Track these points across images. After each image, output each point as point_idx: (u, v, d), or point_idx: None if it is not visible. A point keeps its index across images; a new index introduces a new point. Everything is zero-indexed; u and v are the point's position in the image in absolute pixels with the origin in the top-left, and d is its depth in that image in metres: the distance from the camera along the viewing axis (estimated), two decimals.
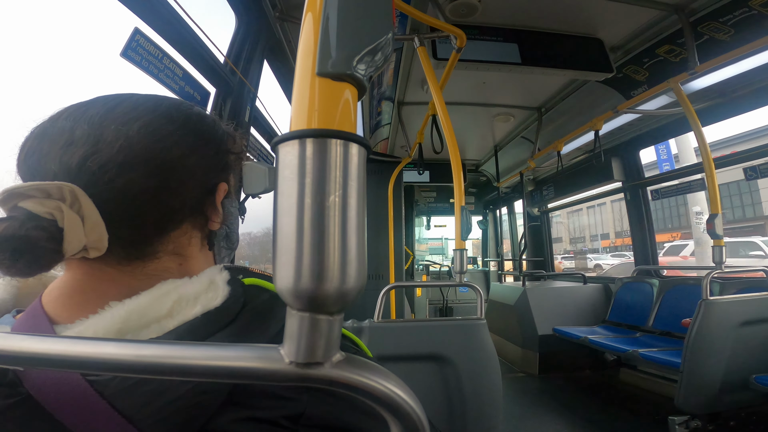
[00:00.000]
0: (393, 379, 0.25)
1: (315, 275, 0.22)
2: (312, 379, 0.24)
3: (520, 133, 3.97)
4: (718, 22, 2.04)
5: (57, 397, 0.33)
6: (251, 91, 1.75)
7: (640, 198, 3.50)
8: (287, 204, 0.23)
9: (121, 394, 0.33)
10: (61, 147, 0.38)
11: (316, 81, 0.25)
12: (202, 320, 0.37)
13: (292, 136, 0.24)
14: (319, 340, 0.23)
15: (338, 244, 0.23)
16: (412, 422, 0.25)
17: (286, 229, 0.23)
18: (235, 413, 0.34)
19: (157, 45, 1.15)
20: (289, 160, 0.24)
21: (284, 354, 0.24)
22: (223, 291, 0.40)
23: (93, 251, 0.36)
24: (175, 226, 0.44)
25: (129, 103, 0.42)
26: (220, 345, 0.26)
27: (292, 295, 0.23)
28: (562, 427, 2.46)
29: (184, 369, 0.25)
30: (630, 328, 3.24)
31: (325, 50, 0.25)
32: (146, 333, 0.37)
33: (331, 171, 0.23)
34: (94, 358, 0.25)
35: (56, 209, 0.34)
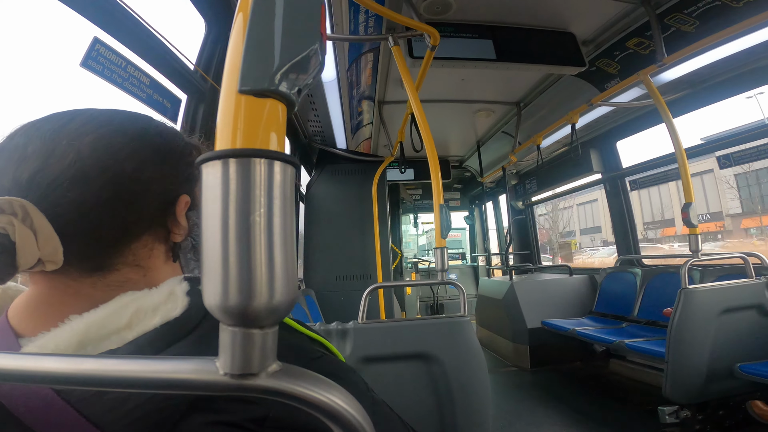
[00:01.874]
0: (335, 388, 0.26)
1: (243, 292, 0.23)
2: (247, 389, 0.24)
3: (501, 128, 4.01)
4: (683, 13, 2.08)
5: (26, 405, 0.34)
6: None
7: (619, 188, 3.56)
8: (212, 223, 0.24)
9: (87, 402, 0.34)
10: (15, 163, 0.39)
11: (239, 99, 0.25)
12: (161, 331, 0.38)
13: (215, 156, 0.24)
14: (252, 352, 0.24)
15: (265, 261, 0.23)
16: (353, 429, 0.25)
17: (211, 247, 0.23)
18: (200, 417, 0.35)
19: (119, 53, 1.13)
20: (212, 180, 0.24)
21: (219, 366, 0.24)
22: (183, 301, 0.40)
23: (49, 264, 0.37)
24: (133, 238, 0.44)
25: (83, 118, 0.42)
26: (158, 358, 0.27)
27: (221, 311, 0.23)
28: (556, 420, 2.50)
29: (126, 381, 0.25)
30: (616, 319, 3.29)
31: (248, 65, 0.25)
32: (107, 344, 0.37)
33: (255, 190, 0.23)
34: (40, 372, 0.26)
35: (8, 223, 0.35)
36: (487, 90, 3.33)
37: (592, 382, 3.13)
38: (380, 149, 4.43)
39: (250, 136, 0.25)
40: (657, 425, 2.15)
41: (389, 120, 3.53)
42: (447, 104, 3.46)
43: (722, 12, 1.96)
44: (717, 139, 2.67)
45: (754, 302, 2.05)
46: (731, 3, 1.92)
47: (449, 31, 2.30)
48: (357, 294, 2.38)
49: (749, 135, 2.47)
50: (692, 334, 1.96)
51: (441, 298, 5.61)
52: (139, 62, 1.20)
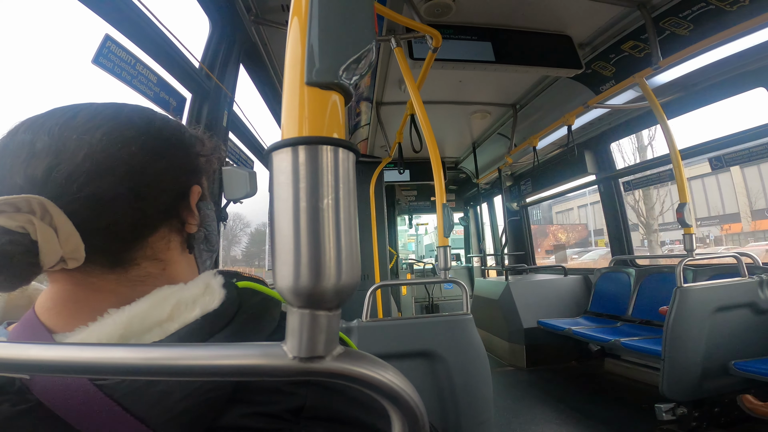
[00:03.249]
0: (391, 370, 0.27)
1: (313, 274, 0.24)
2: (315, 372, 0.25)
3: (497, 130, 4.04)
4: (677, 17, 2.13)
5: (66, 403, 0.34)
6: (228, 96, 1.74)
7: (613, 189, 3.61)
8: (284, 207, 0.24)
9: (131, 396, 0.34)
10: (23, 160, 0.38)
11: (305, 90, 0.26)
12: (201, 322, 0.38)
13: (285, 144, 0.25)
14: (319, 335, 0.25)
15: (333, 243, 0.24)
16: (411, 410, 0.26)
17: (283, 231, 0.24)
18: (240, 409, 0.36)
19: (129, 51, 1.13)
20: (284, 166, 0.25)
21: (287, 350, 0.25)
22: (220, 294, 0.41)
23: (71, 261, 0.37)
24: (151, 231, 0.44)
25: (88, 112, 0.42)
26: (224, 345, 0.27)
27: (292, 293, 0.24)
28: (554, 418, 2.52)
29: (193, 370, 0.26)
30: (611, 318, 3.33)
31: (312, 60, 0.27)
32: (148, 337, 0.37)
33: (323, 175, 0.25)
34: (103, 362, 0.26)
35: (27, 222, 0.34)
36: (484, 92, 3.37)
37: (588, 381, 3.17)
38: (377, 150, 4.44)
39: (317, 124, 0.26)
40: (652, 422, 2.18)
41: (387, 121, 3.54)
42: (443, 106, 3.49)
43: (716, 16, 2.00)
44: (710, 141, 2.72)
45: (747, 300, 2.09)
46: (725, 7, 1.96)
47: (449, 33, 2.32)
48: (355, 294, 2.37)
49: (741, 137, 2.52)
50: (688, 331, 2.00)
51: (436, 298, 5.63)
52: (147, 60, 1.20)
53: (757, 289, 2.11)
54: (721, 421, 2.08)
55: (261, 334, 0.41)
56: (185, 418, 0.34)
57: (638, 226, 13.96)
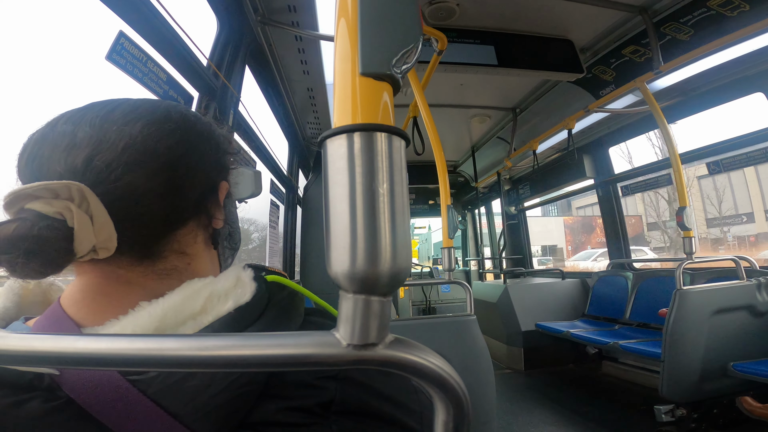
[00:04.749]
0: (439, 358, 0.27)
1: (369, 258, 0.24)
2: (369, 360, 0.25)
3: (497, 134, 4.07)
4: (678, 22, 2.16)
5: (97, 400, 0.33)
6: (234, 96, 1.74)
7: (611, 194, 3.65)
8: (340, 193, 0.25)
9: (165, 392, 0.33)
10: (63, 150, 0.38)
11: (358, 80, 0.27)
12: (234, 315, 0.38)
13: (341, 131, 0.26)
14: (373, 322, 0.25)
15: (389, 228, 0.25)
16: (458, 398, 0.26)
17: (340, 216, 0.25)
18: (272, 404, 0.36)
19: (141, 48, 1.13)
20: (340, 152, 0.25)
21: (340, 337, 0.25)
22: (251, 287, 0.41)
23: (102, 251, 0.37)
24: (180, 224, 0.44)
25: (127, 106, 0.42)
26: (277, 334, 0.27)
27: (348, 278, 0.24)
28: (552, 420, 2.53)
29: (247, 360, 0.26)
30: (609, 321, 3.35)
31: (367, 52, 0.27)
32: (183, 329, 0.37)
33: (379, 162, 0.25)
34: (153, 354, 0.26)
35: (65, 209, 0.34)
36: (484, 95, 3.39)
37: (586, 383, 3.18)
38: None
39: (371, 113, 0.26)
40: (651, 424, 2.19)
41: None
42: (443, 109, 3.51)
43: (717, 21, 2.03)
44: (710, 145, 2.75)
45: (745, 303, 2.11)
46: (726, 12, 1.99)
47: (452, 36, 2.34)
48: None
49: (740, 142, 2.55)
50: (687, 333, 2.02)
51: (433, 301, 5.64)
52: (157, 57, 1.20)
53: (755, 292, 2.14)
54: (719, 422, 2.10)
55: (290, 329, 0.41)
56: (219, 413, 0.34)
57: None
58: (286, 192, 3.25)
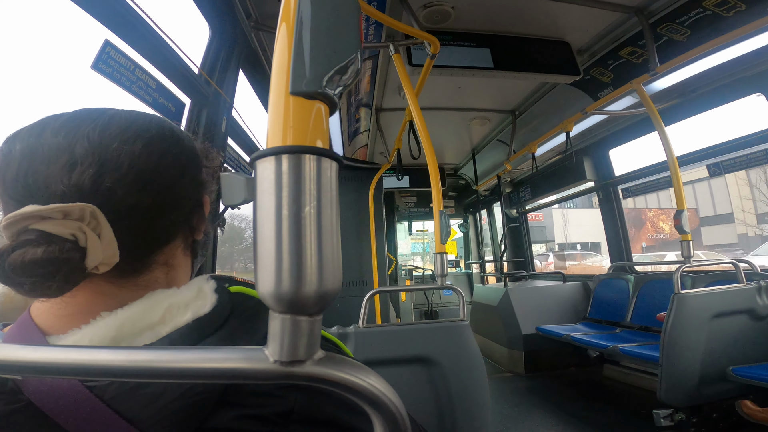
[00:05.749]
0: (372, 375, 0.27)
1: (294, 279, 0.24)
2: (296, 376, 0.25)
3: (496, 137, 4.06)
4: (675, 23, 2.14)
5: (57, 404, 0.34)
6: (227, 102, 1.75)
7: (612, 196, 3.62)
8: (266, 215, 0.25)
9: (120, 398, 0.34)
10: (63, 167, 0.37)
11: (289, 99, 0.27)
12: (192, 326, 0.39)
13: (269, 153, 0.26)
14: (300, 339, 0.25)
15: (314, 250, 0.25)
16: (391, 414, 0.27)
17: (266, 237, 0.25)
18: (229, 412, 0.36)
19: (128, 57, 1.14)
20: (267, 175, 0.25)
21: (269, 354, 0.25)
22: (211, 298, 0.42)
23: (104, 267, 0.37)
24: (172, 239, 0.46)
25: (121, 119, 0.42)
26: (208, 348, 0.27)
27: (274, 298, 0.24)
28: (553, 424, 2.51)
29: (177, 372, 0.26)
30: (610, 324, 3.33)
31: (298, 70, 0.27)
32: (140, 340, 0.38)
33: (306, 184, 0.25)
34: (91, 364, 0.26)
35: (78, 230, 0.35)
36: (483, 98, 3.38)
37: (587, 387, 3.16)
38: (376, 156, 4.45)
39: (300, 134, 0.26)
40: (651, 428, 2.17)
41: (386, 127, 3.56)
42: (442, 112, 3.51)
43: (713, 22, 2.02)
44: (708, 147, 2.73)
45: (745, 307, 2.09)
46: (721, 12, 1.98)
47: (448, 39, 2.34)
48: (353, 299, 2.39)
49: (739, 143, 2.53)
50: (685, 337, 2.00)
51: (435, 305, 5.62)
52: (146, 65, 1.21)
53: (755, 296, 2.11)
54: (719, 426, 2.08)
55: (254, 339, 0.41)
56: (174, 419, 0.34)
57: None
58: None
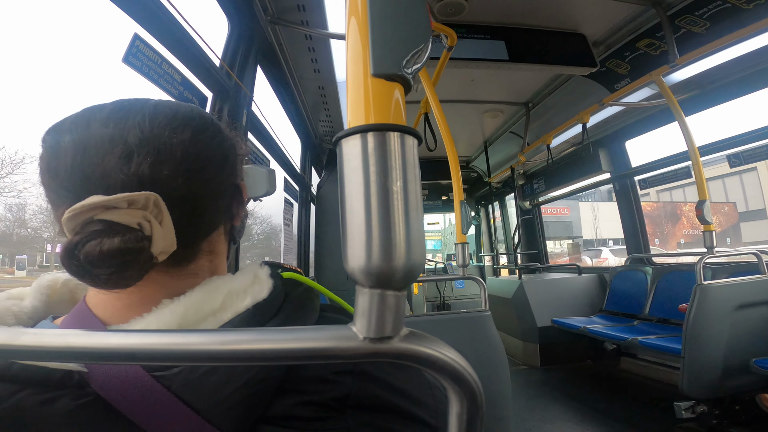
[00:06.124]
0: (453, 351, 0.27)
1: (384, 253, 0.25)
2: (384, 353, 0.25)
3: (509, 129, 4.03)
4: (694, 15, 2.11)
5: (124, 396, 0.34)
6: (247, 95, 1.76)
7: (629, 188, 3.59)
8: (356, 191, 0.26)
9: (187, 387, 0.34)
10: (120, 157, 0.38)
11: (371, 81, 0.28)
12: (252, 312, 0.39)
13: (355, 131, 0.26)
14: (388, 316, 0.25)
15: (403, 224, 0.25)
16: (472, 390, 0.27)
17: (355, 213, 0.25)
18: (289, 399, 0.37)
19: (155, 50, 1.15)
20: (354, 152, 0.26)
21: (357, 331, 0.26)
22: (268, 284, 0.41)
23: (162, 256, 0.37)
24: (215, 226, 0.46)
25: (165, 108, 0.42)
26: (295, 328, 0.27)
27: (363, 272, 0.25)
28: (569, 416, 2.51)
29: (268, 354, 0.26)
30: (627, 317, 3.31)
31: (378, 53, 0.28)
32: (203, 326, 0.38)
33: (392, 160, 0.26)
34: (176, 349, 0.26)
35: (143, 219, 0.35)
36: (496, 90, 3.36)
37: (604, 380, 3.15)
38: None
39: (383, 113, 0.27)
40: (670, 420, 2.17)
41: None
42: (455, 104, 3.49)
43: (732, 14, 1.98)
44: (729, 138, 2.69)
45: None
46: (741, 5, 1.94)
47: (462, 32, 2.32)
48: None
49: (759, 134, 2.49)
50: (708, 329, 1.98)
51: (447, 297, 5.62)
52: (171, 58, 1.22)
53: None
54: (741, 419, 2.06)
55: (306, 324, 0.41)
56: (240, 408, 0.35)
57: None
58: (300, 190, 3.28)
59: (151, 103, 0.43)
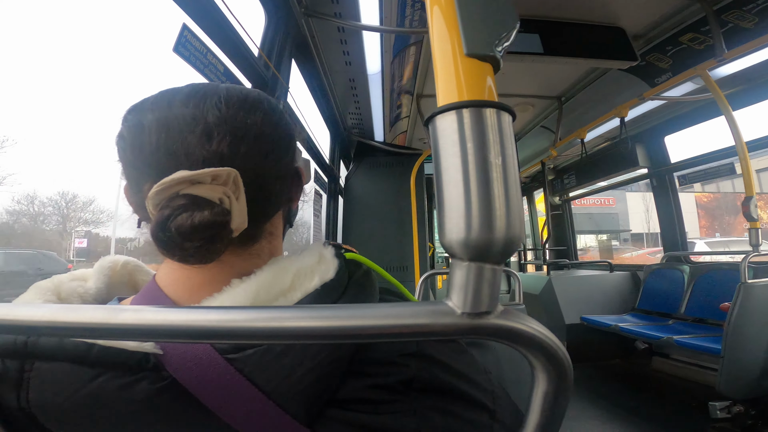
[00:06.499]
0: (545, 329, 0.27)
1: (484, 226, 0.25)
2: (482, 329, 0.26)
3: (540, 123, 3.95)
4: (741, 10, 2.02)
5: (197, 378, 0.35)
6: (284, 86, 1.79)
7: (667, 184, 3.48)
8: (453, 163, 0.26)
9: (260, 370, 0.34)
10: (201, 135, 0.39)
11: (463, 61, 0.28)
12: (321, 291, 0.39)
13: (450, 108, 0.27)
14: (485, 290, 0.25)
15: (503, 197, 0.25)
16: (563, 368, 0.27)
17: (453, 185, 0.26)
18: (357, 381, 0.37)
19: (201, 41, 1.17)
20: (452, 128, 0.27)
21: (453, 306, 0.26)
22: (334, 264, 0.42)
23: (235, 233, 0.38)
24: (278, 207, 0.47)
25: (236, 92, 0.43)
26: (391, 304, 0.27)
27: (462, 245, 0.25)
28: (597, 414, 2.47)
29: (366, 330, 0.26)
30: (661, 316, 3.23)
31: (470, 35, 0.28)
32: (275, 305, 0.38)
33: (490, 135, 0.26)
34: (272, 326, 0.26)
35: (223, 194, 0.36)
36: (526, 84, 3.29)
37: (634, 379, 3.09)
38: (415, 143, 4.43)
39: (478, 90, 0.28)
40: (703, 421, 2.11)
41: (427, 114, 3.52)
42: None
43: None
44: None
45: None
46: None
47: None
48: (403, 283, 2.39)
49: None
50: (750, 328, 1.92)
51: None
52: (214, 48, 1.23)
53: None
54: None
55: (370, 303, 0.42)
56: (310, 391, 0.35)
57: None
58: (328, 181, 3.31)
59: (222, 86, 0.43)
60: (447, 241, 0.26)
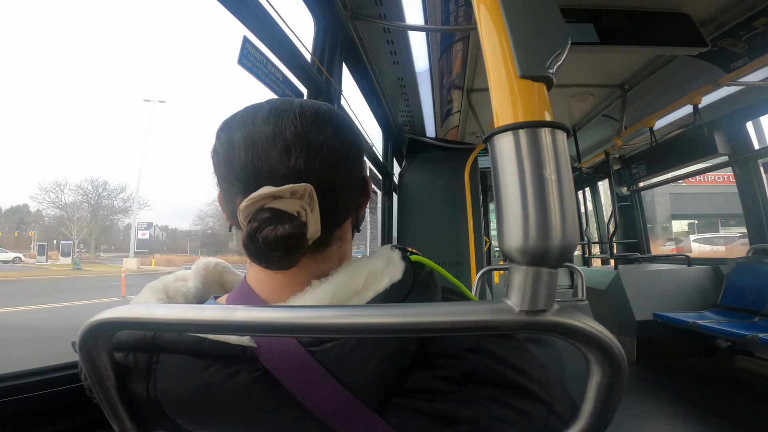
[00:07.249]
0: (600, 324, 0.29)
1: (541, 234, 0.27)
2: (539, 325, 0.28)
3: (601, 112, 3.74)
4: None
5: (285, 369, 0.39)
6: (337, 89, 1.84)
7: (752, 171, 3.17)
8: (511, 179, 0.28)
9: (337, 361, 0.39)
10: (281, 152, 0.43)
11: (517, 82, 0.30)
12: (390, 291, 0.42)
13: (507, 129, 0.29)
14: (542, 291, 0.28)
15: (558, 208, 0.27)
16: (618, 362, 0.29)
17: (511, 199, 0.28)
18: (422, 373, 0.40)
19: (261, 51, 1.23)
20: (508, 147, 0.29)
21: (512, 304, 0.28)
22: (401, 266, 0.44)
23: (310, 241, 0.41)
24: (348, 215, 0.50)
25: (309, 108, 0.46)
26: (454, 303, 0.30)
27: (520, 252, 0.28)
28: (670, 414, 2.33)
29: (433, 326, 0.29)
30: (747, 313, 2.96)
31: (522, 57, 0.30)
32: (351, 304, 0.42)
33: (544, 152, 0.28)
34: (357, 322, 0.30)
35: (301, 207, 0.40)
36: (585, 73, 3.13)
37: (713, 378, 2.87)
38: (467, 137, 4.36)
39: (532, 110, 0.30)
40: None
41: (479, 108, 3.46)
42: None
43: None
44: None
45: None
46: None
47: None
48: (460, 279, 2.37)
49: None
50: None
51: None
52: (272, 57, 1.29)
53: None
54: None
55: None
56: (380, 381, 0.38)
57: None
58: (383, 179, 3.36)
59: (295, 101, 0.47)
60: (506, 248, 0.29)
